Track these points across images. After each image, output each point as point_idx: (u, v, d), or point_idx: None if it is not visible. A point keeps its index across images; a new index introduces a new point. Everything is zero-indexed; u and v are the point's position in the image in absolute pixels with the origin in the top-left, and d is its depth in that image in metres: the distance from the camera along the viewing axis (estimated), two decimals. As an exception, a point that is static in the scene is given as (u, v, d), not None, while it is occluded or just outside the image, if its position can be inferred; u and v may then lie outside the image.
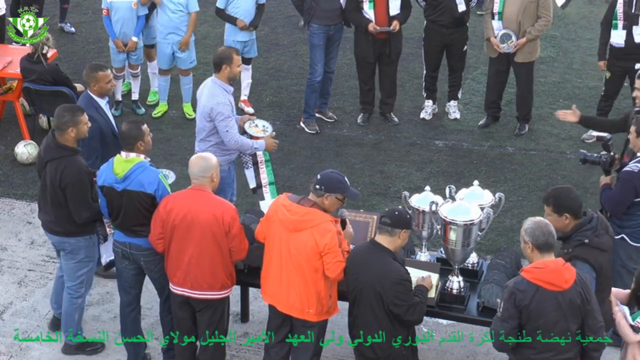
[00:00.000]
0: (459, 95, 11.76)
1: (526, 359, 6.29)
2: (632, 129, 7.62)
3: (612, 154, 7.81)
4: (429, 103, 11.74)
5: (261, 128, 8.65)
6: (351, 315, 6.86)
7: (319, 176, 6.88)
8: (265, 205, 8.53)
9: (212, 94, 8.38)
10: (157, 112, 11.74)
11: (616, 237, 7.49)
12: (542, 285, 6.13)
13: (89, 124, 7.67)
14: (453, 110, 11.69)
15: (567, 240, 6.63)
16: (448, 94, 11.73)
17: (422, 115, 11.72)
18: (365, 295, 6.66)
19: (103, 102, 8.34)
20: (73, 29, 13.73)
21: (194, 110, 11.68)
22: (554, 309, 6.13)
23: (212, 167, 7.12)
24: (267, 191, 8.74)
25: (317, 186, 6.82)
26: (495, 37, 10.87)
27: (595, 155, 7.86)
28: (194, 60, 11.59)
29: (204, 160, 7.14)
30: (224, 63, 8.40)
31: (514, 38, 10.76)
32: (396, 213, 6.67)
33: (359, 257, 6.71)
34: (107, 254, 7.92)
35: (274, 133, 8.70)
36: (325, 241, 6.72)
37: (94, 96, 8.28)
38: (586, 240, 6.54)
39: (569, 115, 8.76)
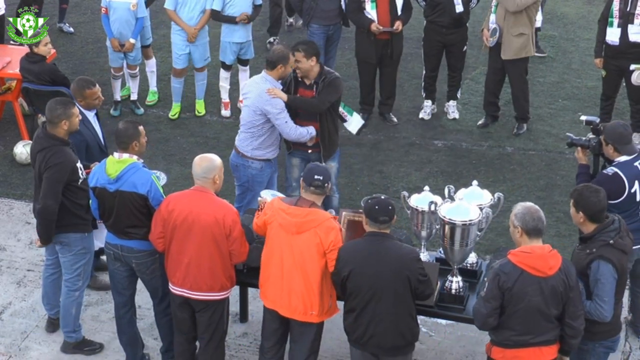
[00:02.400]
0: (458, 96, 11.76)
1: (506, 340, 6.44)
2: (602, 137, 7.59)
3: (601, 137, 7.69)
4: (428, 103, 11.74)
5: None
6: (359, 316, 6.74)
7: (317, 176, 6.88)
8: (352, 122, 9.37)
9: (265, 89, 8.47)
10: (174, 113, 11.71)
11: None
12: (526, 270, 6.29)
13: (80, 117, 7.70)
14: (452, 110, 11.69)
15: (589, 241, 6.63)
16: (447, 94, 11.73)
17: (421, 115, 11.72)
18: (390, 287, 6.60)
19: (91, 115, 8.25)
20: (72, 29, 13.72)
21: (205, 108, 11.76)
22: (535, 293, 6.29)
23: (215, 169, 7.10)
24: (345, 115, 9.26)
25: (327, 184, 6.90)
26: (489, 30, 10.91)
27: (584, 138, 7.79)
28: (208, 57, 11.61)
29: (208, 161, 7.13)
30: (280, 63, 8.52)
31: (497, 34, 10.79)
32: (390, 208, 6.65)
33: (370, 253, 6.63)
34: (96, 242, 8.02)
35: None
36: (330, 238, 6.78)
37: (81, 108, 8.13)
38: (611, 241, 6.55)
39: None
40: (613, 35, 10.60)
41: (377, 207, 6.65)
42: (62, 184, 7.46)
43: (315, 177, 6.89)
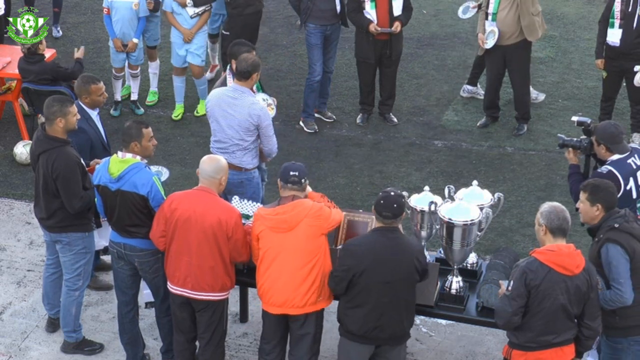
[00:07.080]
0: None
1: (529, 342, 6.43)
2: (593, 138, 7.60)
3: (592, 138, 7.69)
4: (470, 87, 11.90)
5: (267, 104, 8.64)
6: (372, 311, 6.77)
7: (293, 172, 6.95)
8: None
9: (251, 102, 8.18)
10: (177, 114, 11.68)
11: None
12: (553, 268, 6.29)
13: (79, 116, 7.71)
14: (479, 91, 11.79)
15: (597, 231, 6.66)
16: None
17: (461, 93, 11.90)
18: (404, 279, 6.72)
19: (94, 114, 8.25)
20: (60, 33, 13.55)
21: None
22: (561, 292, 6.29)
23: (223, 170, 7.14)
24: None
25: (303, 180, 6.97)
26: (484, 33, 10.89)
27: (575, 139, 7.79)
28: (204, 60, 11.60)
29: (217, 161, 7.16)
30: (255, 72, 8.25)
31: (497, 35, 10.77)
32: (395, 206, 6.69)
33: (384, 247, 6.69)
34: (101, 241, 8.02)
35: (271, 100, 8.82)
36: (322, 218, 6.90)
37: (84, 107, 8.15)
38: (616, 225, 6.58)
39: None
40: (614, 36, 10.60)
41: (382, 201, 6.72)
42: (79, 180, 7.52)
43: (291, 173, 6.97)
